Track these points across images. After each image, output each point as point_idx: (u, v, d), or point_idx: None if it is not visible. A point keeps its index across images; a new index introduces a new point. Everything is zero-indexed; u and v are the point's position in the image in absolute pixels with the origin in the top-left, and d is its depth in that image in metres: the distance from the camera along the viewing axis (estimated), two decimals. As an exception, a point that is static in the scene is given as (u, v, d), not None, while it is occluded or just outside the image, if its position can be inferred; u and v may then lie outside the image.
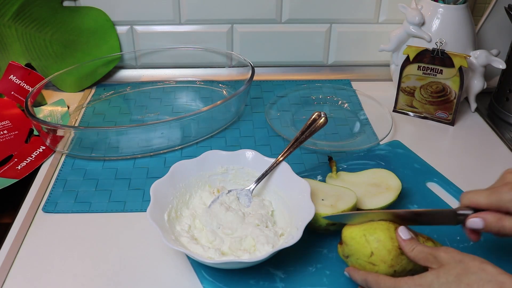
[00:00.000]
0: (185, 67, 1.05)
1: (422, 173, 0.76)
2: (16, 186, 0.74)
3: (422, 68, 0.87)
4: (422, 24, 0.89)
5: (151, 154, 0.81)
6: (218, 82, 1.03)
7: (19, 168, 0.77)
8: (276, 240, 0.60)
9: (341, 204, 0.63)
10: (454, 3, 0.87)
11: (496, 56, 0.88)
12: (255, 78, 0.92)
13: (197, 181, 0.68)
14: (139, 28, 1.01)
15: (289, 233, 0.61)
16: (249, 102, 0.96)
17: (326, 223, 0.61)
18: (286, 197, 0.66)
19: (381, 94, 0.97)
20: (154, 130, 0.79)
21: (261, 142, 0.85)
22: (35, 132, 0.85)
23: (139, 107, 0.95)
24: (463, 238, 0.64)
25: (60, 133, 0.79)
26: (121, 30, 1.00)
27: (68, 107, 0.93)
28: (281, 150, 0.72)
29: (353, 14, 1.01)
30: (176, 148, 0.83)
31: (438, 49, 0.85)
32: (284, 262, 0.60)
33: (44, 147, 0.82)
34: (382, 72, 1.06)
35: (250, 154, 0.70)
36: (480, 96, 0.94)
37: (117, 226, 0.67)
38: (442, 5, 0.87)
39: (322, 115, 0.72)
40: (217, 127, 0.87)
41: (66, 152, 0.81)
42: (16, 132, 0.86)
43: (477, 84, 0.91)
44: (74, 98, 0.98)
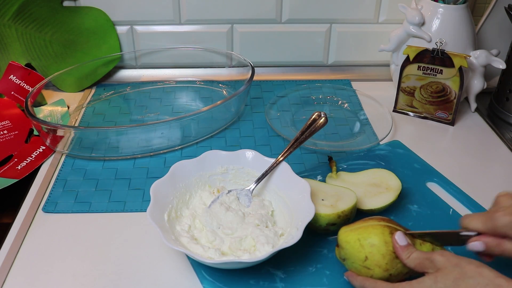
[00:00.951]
0: (185, 67, 1.05)
1: (422, 173, 0.76)
2: (16, 186, 0.74)
3: (422, 68, 0.87)
4: (422, 24, 0.89)
5: (151, 154, 0.81)
6: (218, 82, 1.03)
7: (19, 168, 0.77)
8: (276, 240, 0.60)
9: (341, 204, 0.63)
10: (454, 3, 0.87)
11: (496, 56, 0.88)
12: (255, 78, 0.92)
13: (197, 181, 0.69)
14: (139, 28, 1.01)
15: (289, 233, 0.61)
16: (249, 102, 0.96)
17: (326, 223, 0.61)
18: (286, 197, 0.66)
19: (381, 94, 0.97)
20: (154, 130, 0.79)
21: (261, 142, 0.85)
22: (35, 132, 0.85)
23: (139, 107, 0.95)
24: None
25: (60, 133, 0.79)
26: (121, 30, 1.00)
27: (68, 107, 0.93)
28: (281, 150, 0.72)
29: (353, 14, 1.01)
30: (176, 148, 0.83)
31: (438, 49, 0.85)
32: (284, 262, 0.60)
33: (44, 147, 0.82)
34: (382, 72, 1.06)
35: (250, 154, 0.70)
36: (480, 96, 0.94)
37: (117, 226, 0.67)
38: (442, 5, 0.87)
39: (322, 115, 0.72)
40: (217, 127, 0.87)
41: (66, 152, 0.81)
42: (16, 132, 0.86)
43: (477, 84, 0.91)
44: (74, 98, 0.98)
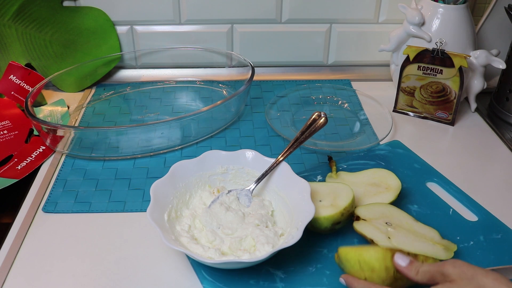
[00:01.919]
0: (185, 67, 1.05)
1: (422, 173, 0.76)
2: (16, 186, 0.74)
3: (422, 68, 0.87)
4: (422, 24, 0.89)
5: (151, 154, 0.81)
6: (218, 82, 1.03)
7: (19, 168, 0.77)
8: (276, 240, 0.60)
9: (340, 201, 0.63)
10: (454, 3, 0.87)
11: (496, 56, 0.88)
12: (255, 78, 0.92)
13: (197, 181, 0.69)
14: (139, 28, 1.01)
15: (289, 233, 0.61)
16: (249, 102, 0.96)
17: (331, 224, 0.61)
18: (286, 197, 0.66)
19: (381, 94, 0.97)
20: (154, 130, 0.79)
21: (261, 142, 0.85)
22: (35, 132, 0.85)
23: (139, 107, 0.95)
24: (463, 238, 0.64)
25: (60, 133, 0.79)
26: (121, 30, 1.00)
27: (68, 107, 0.93)
28: (281, 150, 0.72)
29: (353, 14, 1.01)
30: (176, 148, 0.83)
31: (438, 49, 0.85)
32: (284, 262, 0.60)
33: (44, 147, 0.82)
34: (382, 72, 1.06)
35: (250, 154, 0.70)
36: (480, 96, 0.94)
37: (117, 226, 0.67)
38: (442, 5, 0.87)
39: (322, 115, 0.72)
40: (217, 127, 0.87)
41: (66, 152, 0.81)
42: (16, 132, 0.86)
43: (477, 84, 0.91)
44: (74, 98, 0.98)
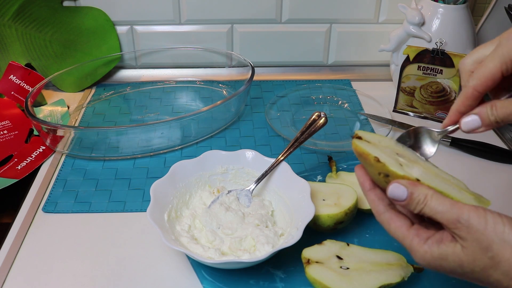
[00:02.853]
0: (185, 67, 1.05)
1: (422, 173, 0.76)
2: (16, 186, 0.74)
3: (422, 68, 0.88)
4: (422, 24, 0.89)
5: (151, 154, 0.81)
6: (218, 82, 1.03)
7: (19, 168, 0.77)
8: (276, 240, 0.60)
9: (344, 201, 0.63)
10: (454, 3, 0.87)
11: (496, 56, 0.88)
12: (255, 78, 0.92)
13: (197, 181, 0.69)
14: (139, 28, 1.01)
15: (289, 233, 0.61)
16: (249, 102, 0.96)
17: (334, 223, 0.61)
18: (286, 197, 0.66)
19: (381, 94, 0.97)
20: (154, 130, 0.79)
21: (261, 142, 0.85)
22: (35, 132, 0.85)
23: (139, 107, 0.95)
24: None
25: (60, 133, 0.79)
26: (121, 30, 1.00)
27: (68, 107, 0.93)
28: (281, 150, 0.72)
29: (353, 14, 1.01)
30: (176, 148, 0.83)
31: (438, 49, 0.85)
32: (284, 262, 0.60)
33: (44, 147, 0.82)
34: (382, 72, 1.06)
35: (250, 154, 0.70)
36: (480, 96, 0.94)
37: (117, 226, 0.67)
38: (442, 5, 0.87)
39: (322, 115, 0.72)
40: (217, 127, 0.87)
41: (66, 152, 0.81)
42: (16, 132, 0.86)
43: (477, 84, 0.91)
44: (74, 98, 0.98)
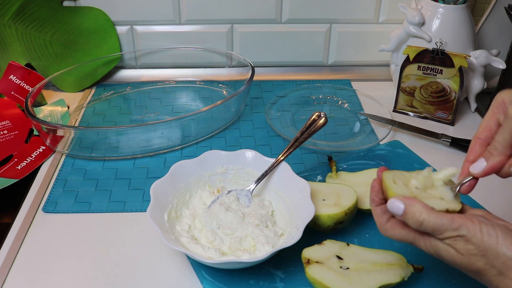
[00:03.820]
0: (185, 67, 1.05)
1: (422, 173, 0.76)
2: (16, 186, 0.74)
3: (422, 68, 0.87)
4: (422, 24, 0.89)
5: (151, 154, 0.81)
6: (218, 82, 1.03)
7: (19, 168, 0.77)
8: (276, 240, 0.60)
9: (344, 201, 0.63)
10: (454, 3, 0.87)
11: (496, 56, 0.88)
12: (255, 78, 0.92)
13: (197, 181, 0.69)
14: (139, 28, 1.01)
15: (289, 233, 0.61)
16: (249, 102, 0.96)
17: (334, 223, 0.61)
18: (286, 197, 0.66)
19: (381, 94, 0.97)
20: (154, 130, 0.79)
21: (261, 142, 0.85)
22: (35, 132, 0.85)
23: (139, 107, 0.95)
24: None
25: (60, 133, 0.79)
26: (121, 30, 1.00)
27: (68, 107, 0.93)
28: (281, 150, 0.72)
29: (353, 14, 1.01)
30: (176, 148, 0.83)
31: (438, 49, 0.85)
32: (284, 262, 0.60)
33: (44, 147, 0.82)
34: (382, 72, 1.06)
35: (250, 154, 0.70)
36: (480, 96, 0.94)
37: (117, 226, 0.67)
38: (442, 5, 0.87)
39: (322, 115, 0.72)
40: (217, 127, 0.87)
41: (66, 152, 0.81)
42: (16, 132, 0.86)
43: (477, 84, 0.91)
44: (74, 98, 0.98)
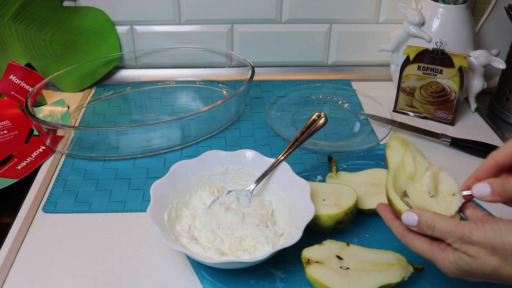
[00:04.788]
0: (185, 67, 1.05)
1: (422, 173, 0.76)
2: (16, 186, 0.74)
3: (422, 68, 0.87)
4: (422, 24, 0.89)
5: (151, 154, 0.81)
6: (218, 82, 1.03)
7: (19, 168, 0.77)
8: (276, 240, 0.60)
9: (344, 201, 0.63)
10: (454, 3, 0.87)
11: (496, 56, 0.88)
12: (255, 78, 0.92)
13: (197, 181, 0.69)
14: (139, 28, 1.01)
15: (289, 233, 0.61)
16: (249, 102, 0.96)
17: (334, 223, 0.61)
18: (286, 197, 0.66)
19: (381, 94, 0.97)
20: (154, 130, 0.79)
21: (261, 142, 0.85)
22: (35, 132, 0.85)
23: (139, 107, 0.95)
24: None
25: (60, 133, 0.79)
26: (121, 30, 1.00)
27: (68, 107, 0.93)
28: (281, 150, 0.72)
29: (353, 14, 1.01)
30: (176, 148, 0.83)
31: (438, 49, 0.85)
32: (284, 262, 0.60)
33: (44, 147, 0.82)
34: (382, 72, 1.06)
35: (250, 154, 0.70)
36: (480, 96, 0.94)
37: (117, 226, 0.67)
38: (442, 5, 0.87)
39: (322, 115, 0.72)
40: (217, 127, 0.87)
41: (66, 152, 0.81)
42: (16, 132, 0.86)
43: (477, 84, 0.91)
44: (74, 98, 0.98)
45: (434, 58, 0.86)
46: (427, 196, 0.52)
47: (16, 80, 0.91)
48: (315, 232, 0.63)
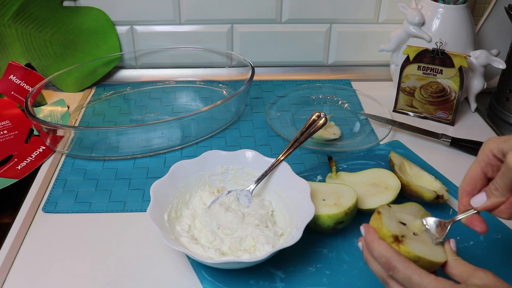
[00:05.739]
0: (185, 67, 1.05)
1: (422, 173, 0.76)
2: (16, 186, 0.74)
3: (422, 68, 0.87)
4: (422, 24, 0.89)
5: (151, 154, 0.81)
6: (218, 82, 1.03)
7: (19, 168, 0.77)
8: (276, 240, 0.60)
9: (344, 201, 0.63)
10: (454, 3, 0.87)
11: (496, 56, 0.88)
12: (255, 78, 0.92)
13: (197, 181, 0.69)
14: (139, 28, 1.01)
15: (289, 233, 0.61)
16: (249, 102, 0.96)
17: (334, 223, 0.61)
18: (286, 197, 0.66)
19: (381, 94, 0.97)
20: (154, 130, 0.79)
21: (261, 142, 0.85)
22: (35, 132, 0.85)
23: (139, 107, 0.95)
24: (463, 238, 0.64)
25: (60, 133, 0.79)
26: (121, 30, 1.00)
27: (68, 107, 0.93)
28: (281, 150, 0.72)
29: (353, 14, 1.01)
30: (176, 148, 0.83)
31: (438, 49, 0.85)
32: (284, 262, 0.60)
33: (44, 147, 0.82)
34: (382, 72, 1.06)
35: (250, 154, 0.70)
36: (480, 96, 0.94)
37: (117, 226, 0.67)
38: (442, 5, 0.87)
39: (322, 115, 0.72)
40: (217, 127, 0.87)
41: (66, 152, 0.81)
42: (16, 132, 0.86)
43: (477, 84, 0.91)
44: (74, 98, 0.98)
45: (434, 58, 0.86)
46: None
47: (16, 80, 0.91)
48: (315, 232, 0.63)
